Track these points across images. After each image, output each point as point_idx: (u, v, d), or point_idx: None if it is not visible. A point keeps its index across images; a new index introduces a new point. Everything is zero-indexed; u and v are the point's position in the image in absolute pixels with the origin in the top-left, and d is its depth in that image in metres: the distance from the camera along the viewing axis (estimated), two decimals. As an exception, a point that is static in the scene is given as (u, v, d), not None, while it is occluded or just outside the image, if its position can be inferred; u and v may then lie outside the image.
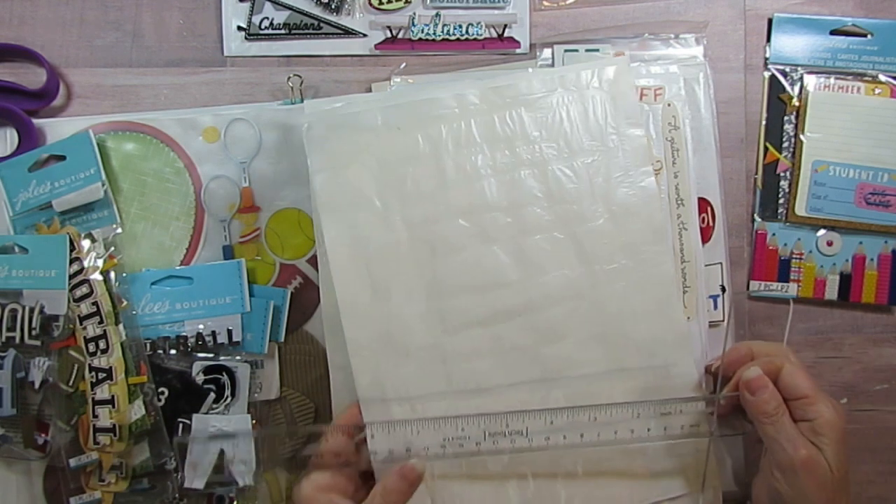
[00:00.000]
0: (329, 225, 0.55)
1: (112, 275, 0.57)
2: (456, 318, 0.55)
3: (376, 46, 0.62)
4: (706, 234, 0.60)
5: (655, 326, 0.55)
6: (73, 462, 0.56)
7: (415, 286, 0.55)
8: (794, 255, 0.62)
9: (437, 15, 0.62)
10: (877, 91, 0.61)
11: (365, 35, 0.63)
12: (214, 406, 0.58)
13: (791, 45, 0.62)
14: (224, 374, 0.58)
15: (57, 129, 0.61)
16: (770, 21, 0.63)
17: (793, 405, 0.50)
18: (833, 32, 0.62)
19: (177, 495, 0.57)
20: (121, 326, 0.56)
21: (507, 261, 0.55)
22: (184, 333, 0.58)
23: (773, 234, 0.62)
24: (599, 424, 0.52)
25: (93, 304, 0.56)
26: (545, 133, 0.56)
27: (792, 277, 0.62)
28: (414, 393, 0.54)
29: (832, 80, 0.62)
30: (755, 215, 0.62)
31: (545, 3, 0.63)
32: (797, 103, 0.62)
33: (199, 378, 0.58)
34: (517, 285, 0.55)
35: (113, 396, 0.55)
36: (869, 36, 0.62)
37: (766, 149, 0.62)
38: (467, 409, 0.53)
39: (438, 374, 0.54)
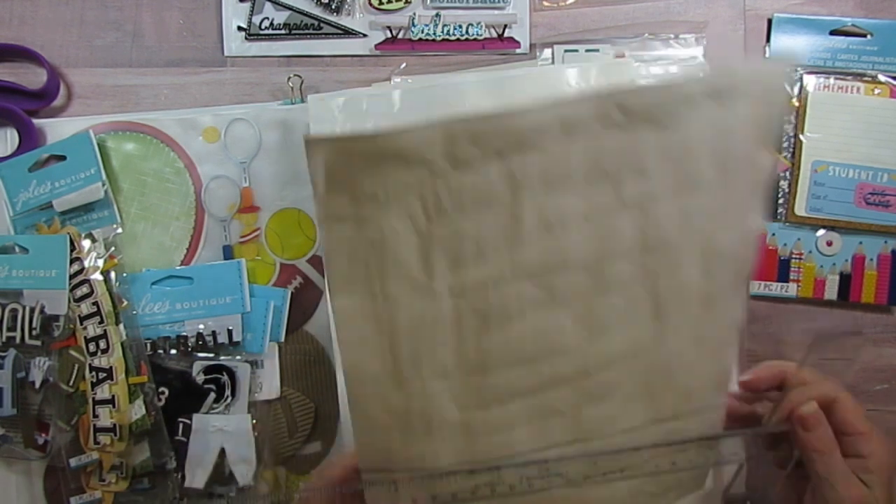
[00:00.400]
0: (341, 288, 0.41)
1: (112, 275, 0.57)
2: (495, 392, 0.43)
3: (376, 46, 0.63)
4: (706, 235, 0.60)
5: (703, 377, 0.45)
6: (73, 462, 0.56)
7: (451, 363, 0.42)
8: (794, 255, 0.62)
9: (437, 15, 0.62)
10: (876, 91, 0.61)
11: (365, 35, 0.63)
12: (214, 406, 0.58)
13: (791, 45, 0.62)
14: (224, 373, 0.58)
15: (57, 129, 0.61)
16: (770, 21, 0.63)
17: (844, 440, 0.46)
18: (833, 32, 0.62)
19: (177, 495, 0.57)
20: (121, 326, 0.56)
21: (570, 326, 0.42)
22: (184, 333, 0.58)
23: (773, 234, 0.62)
24: (642, 460, 0.44)
25: (93, 304, 0.56)
26: (663, 163, 0.41)
27: (792, 277, 0.62)
28: (427, 466, 0.43)
29: (832, 81, 0.62)
30: (755, 215, 0.62)
31: (545, 3, 0.63)
32: (797, 103, 0.62)
33: (199, 378, 0.58)
34: (575, 352, 0.43)
35: (113, 396, 0.55)
36: (868, 36, 0.62)
37: (765, 149, 0.62)
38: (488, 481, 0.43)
39: (460, 449, 0.43)
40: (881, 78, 0.61)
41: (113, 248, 0.58)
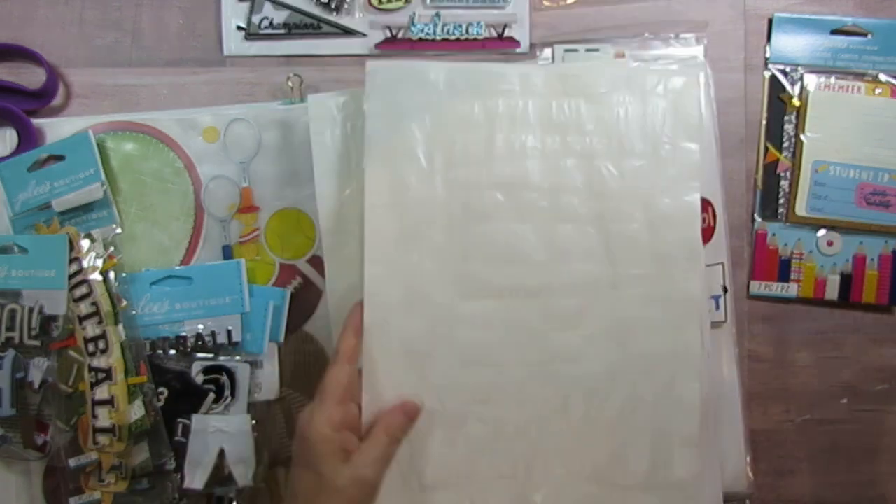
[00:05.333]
0: (374, 166, 0.55)
1: (111, 275, 0.57)
2: (473, 284, 0.55)
3: (376, 46, 0.62)
4: (707, 234, 0.60)
5: (668, 342, 0.55)
6: (72, 462, 0.55)
7: (441, 244, 0.55)
8: (795, 255, 0.62)
9: (437, 15, 0.62)
10: (877, 91, 0.61)
11: (365, 35, 0.63)
12: (214, 406, 0.57)
13: (791, 44, 0.62)
14: (224, 374, 0.58)
15: (56, 129, 0.61)
16: (770, 21, 0.63)
17: None
18: (833, 32, 0.62)
19: (176, 495, 0.57)
20: (120, 326, 0.56)
21: (534, 241, 0.55)
22: (183, 333, 0.58)
23: (774, 234, 0.62)
24: None
25: (92, 304, 0.56)
26: (599, 128, 0.56)
27: (792, 277, 0.62)
28: (418, 348, 0.54)
29: (832, 80, 0.62)
30: (755, 215, 0.62)
31: (545, 3, 0.63)
32: (797, 103, 0.62)
33: (199, 378, 0.57)
34: (540, 267, 0.55)
35: (112, 396, 0.55)
36: (869, 36, 0.62)
37: (766, 149, 0.62)
38: (467, 378, 0.54)
39: (445, 337, 0.54)
40: (882, 77, 0.61)
41: (112, 248, 0.58)
